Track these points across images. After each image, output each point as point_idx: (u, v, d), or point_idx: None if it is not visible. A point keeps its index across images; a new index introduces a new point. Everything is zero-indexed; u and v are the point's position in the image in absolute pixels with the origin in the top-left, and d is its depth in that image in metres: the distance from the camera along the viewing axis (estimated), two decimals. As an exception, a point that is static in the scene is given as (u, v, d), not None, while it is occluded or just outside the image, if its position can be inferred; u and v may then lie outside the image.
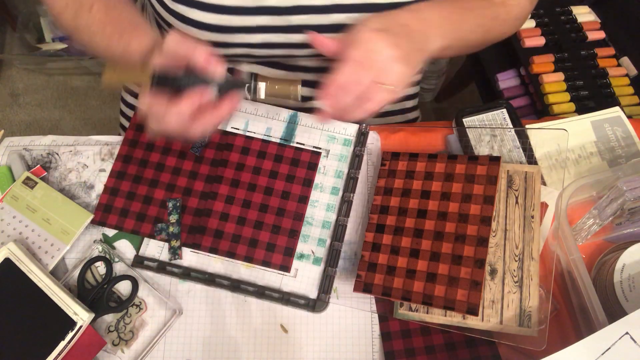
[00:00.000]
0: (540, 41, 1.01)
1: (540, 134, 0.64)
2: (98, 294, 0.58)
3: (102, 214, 0.62)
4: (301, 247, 0.61)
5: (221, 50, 0.61)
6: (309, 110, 0.67)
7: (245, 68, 0.68)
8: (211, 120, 0.50)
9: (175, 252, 0.60)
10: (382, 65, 0.50)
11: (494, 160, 0.56)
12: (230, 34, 0.58)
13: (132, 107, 0.86)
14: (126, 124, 0.87)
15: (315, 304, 0.58)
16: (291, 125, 0.66)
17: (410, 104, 0.87)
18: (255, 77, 0.54)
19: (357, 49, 0.50)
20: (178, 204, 0.62)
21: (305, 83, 0.69)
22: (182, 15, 0.57)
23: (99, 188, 0.64)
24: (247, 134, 0.66)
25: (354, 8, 0.56)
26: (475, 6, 0.59)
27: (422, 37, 0.53)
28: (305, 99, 0.72)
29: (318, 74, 0.68)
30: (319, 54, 0.62)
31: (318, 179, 0.63)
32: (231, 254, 0.60)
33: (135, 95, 0.86)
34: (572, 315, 0.57)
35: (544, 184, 0.62)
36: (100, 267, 0.60)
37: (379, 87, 0.50)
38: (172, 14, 0.58)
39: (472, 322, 0.52)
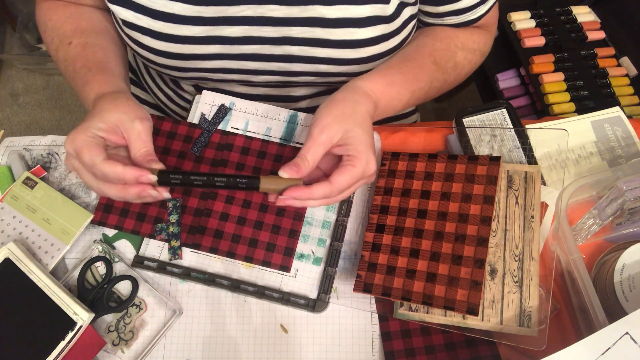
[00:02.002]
0: (540, 41, 1.01)
1: (540, 134, 0.64)
2: (98, 294, 0.58)
3: (102, 214, 0.62)
4: (301, 247, 0.60)
5: (178, 73, 0.63)
6: (310, 110, 0.67)
7: (220, 86, 0.69)
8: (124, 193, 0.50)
9: (175, 252, 0.60)
10: (368, 174, 0.52)
11: (494, 160, 0.56)
12: (185, 60, 0.59)
13: None
14: None
15: (315, 304, 0.58)
16: (291, 125, 0.66)
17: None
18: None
19: (358, 165, 0.50)
20: (178, 204, 0.62)
21: (266, 97, 0.71)
22: (138, 41, 0.59)
23: (99, 188, 0.64)
24: (247, 134, 0.66)
25: (305, 42, 0.57)
26: (425, 82, 0.60)
27: (373, 120, 0.56)
28: (310, 110, 0.72)
29: (279, 88, 0.70)
30: (273, 81, 0.64)
31: (318, 179, 0.63)
32: (231, 254, 0.60)
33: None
34: (572, 315, 0.57)
35: (544, 184, 0.62)
36: (100, 267, 0.60)
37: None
38: (130, 40, 0.59)
39: (472, 322, 0.52)
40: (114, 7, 0.56)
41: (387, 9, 0.55)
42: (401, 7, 0.57)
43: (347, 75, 0.61)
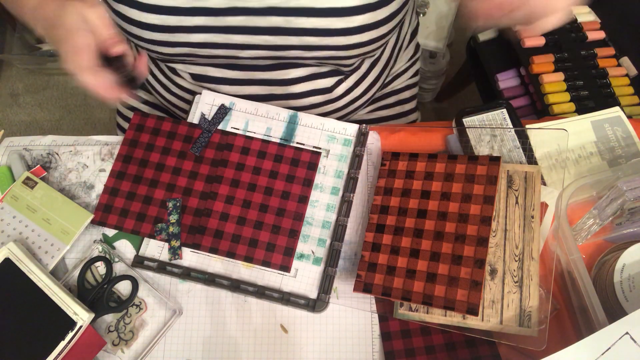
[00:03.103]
0: (540, 41, 1.01)
1: (540, 134, 0.64)
2: (98, 294, 0.58)
3: (102, 214, 0.62)
4: (301, 247, 0.60)
5: (166, 49, 0.62)
6: (307, 95, 0.66)
7: (213, 72, 0.68)
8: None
9: (175, 252, 0.60)
10: None
11: (494, 160, 0.56)
12: (170, 33, 0.59)
13: (130, 107, 0.86)
14: (123, 124, 0.87)
15: (315, 304, 0.58)
16: (291, 125, 0.66)
17: (408, 106, 0.86)
18: None
19: None
20: (178, 204, 0.62)
21: (258, 82, 0.69)
22: (124, 15, 0.58)
23: (99, 188, 0.64)
24: (247, 133, 0.66)
25: (289, 11, 0.56)
26: None
27: None
28: (304, 94, 0.71)
29: (271, 71, 0.68)
30: (261, 56, 0.62)
31: (318, 179, 0.63)
32: (231, 254, 0.60)
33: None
34: (572, 315, 0.57)
35: (544, 184, 0.62)
36: (100, 267, 0.60)
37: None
38: (115, 14, 0.59)
39: (472, 322, 0.52)
40: None
41: None
42: None
43: (337, 49, 0.60)
